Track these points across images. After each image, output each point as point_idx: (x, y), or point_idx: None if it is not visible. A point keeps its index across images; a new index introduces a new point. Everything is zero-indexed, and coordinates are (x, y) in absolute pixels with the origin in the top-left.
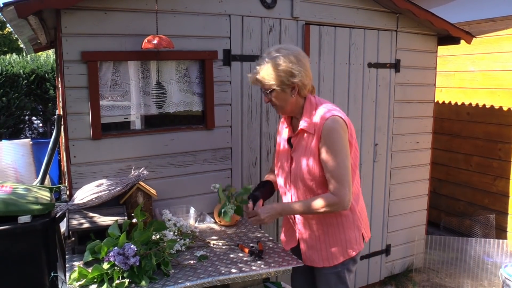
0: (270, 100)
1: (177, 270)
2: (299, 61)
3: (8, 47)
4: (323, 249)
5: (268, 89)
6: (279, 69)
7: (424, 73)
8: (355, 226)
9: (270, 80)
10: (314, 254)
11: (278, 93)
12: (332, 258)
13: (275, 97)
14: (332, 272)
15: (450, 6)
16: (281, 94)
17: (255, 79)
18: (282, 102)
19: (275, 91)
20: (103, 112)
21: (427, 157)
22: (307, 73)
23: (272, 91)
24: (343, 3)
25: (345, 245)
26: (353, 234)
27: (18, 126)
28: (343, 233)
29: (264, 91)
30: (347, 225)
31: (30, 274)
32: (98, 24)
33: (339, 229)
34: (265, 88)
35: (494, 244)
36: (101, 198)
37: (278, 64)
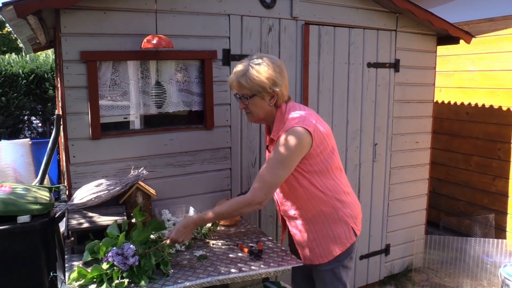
0: (246, 107)
1: (176, 270)
2: (282, 71)
3: (7, 46)
4: (315, 246)
5: (248, 95)
6: (264, 75)
7: (423, 73)
8: (342, 221)
9: (253, 86)
10: (309, 252)
11: (257, 100)
12: (326, 254)
13: (253, 104)
14: (326, 268)
15: (450, 6)
16: (260, 101)
17: (237, 82)
18: (258, 110)
19: (255, 97)
20: (103, 112)
21: (426, 157)
22: (286, 84)
23: (252, 97)
24: (343, 3)
25: (335, 240)
26: (341, 229)
27: (17, 126)
28: (330, 229)
29: (241, 96)
30: (333, 222)
31: (29, 274)
32: (97, 24)
33: (325, 225)
34: (244, 94)
35: (494, 243)
36: (100, 198)
37: (263, 70)
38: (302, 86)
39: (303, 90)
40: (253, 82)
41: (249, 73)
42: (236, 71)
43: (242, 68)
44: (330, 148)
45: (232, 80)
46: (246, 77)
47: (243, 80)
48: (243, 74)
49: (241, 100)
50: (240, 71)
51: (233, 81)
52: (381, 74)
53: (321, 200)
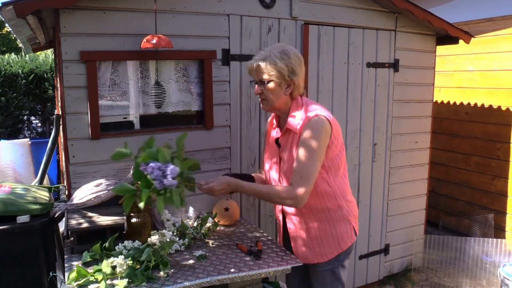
0: (261, 92)
1: (176, 270)
2: (301, 63)
3: (7, 46)
4: (315, 245)
5: (266, 80)
6: (283, 63)
7: (423, 72)
8: (345, 220)
9: (271, 71)
10: (307, 251)
11: (274, 86)
12: (326, 253)
13: (269, 90)
14: (326, 268)
15: (449, 6)
16: (277, 88)
17: (257, 65)
18: (274, 97)
19: (273, 83)
20: (102, 112)
21: (426, 156)
22: (303, 76)
23: (269, 82)
24: (342, 3)
25: (337, 239)
26: (344, 228)
27: (17, 126)
28: (334, 228)
29: (259, 81)
30: (337, 220)
31: (28, 274)
32: (97, 23)
33: (329, 224)
34: (262, 78)
35: (493, 243)
36: (100, 198)
37: (283, 58)
38: None
39: None
40: (273, 67)
41: (269, 58)
42: (256, 56)
43: (263, 53)
44: (341, 144)
45: (252, 64)
46: (266, 61)
47: (263, 64)
48: (264, 59)
49: (257, 85)
50: (261, 55)
51: (252, 64)
52: (380, 74)
53: (329, 197)
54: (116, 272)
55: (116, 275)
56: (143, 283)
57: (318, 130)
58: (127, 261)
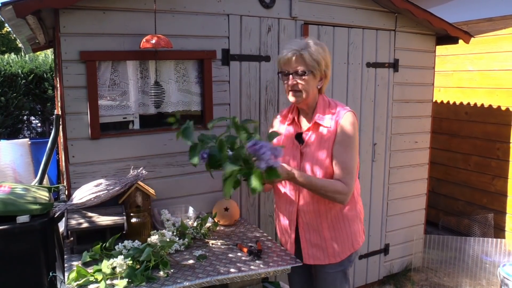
0: (296, 83)
1: (176, 270)
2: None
3: (7, 46)
4: (329, 245)
5: (306, 70)
6: (322, 54)
7: (422, 72)
8: (358, 219)
9: (312, 61)
10: (319, 251)
11: (310, 77)
12: (339, 254)
13: (305, 81)
14: (338, 270)
15: (449, 6)
16: (312, 80)
17: (298, 55)
18: (309, 88)
19: (311, 74)
20: (102, 112)
21: (425, 156)
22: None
23: (306, 74)
24: (342, 3)
25: (351, 238)
26: (357, 227)
27: (17, 126)
28: (349, 227)
29: (294, 72)
30: (352, 218)
31: (28, 274)
32: (96, 23)
33: (345, 223)
34: (298, 69)
35: (493, 243)
36: (99, 198)
37: (322, 50)
38: None
39: None
40: (313, 57)
41: (309, 49)
42: (291, 46)
43: (299, 44)
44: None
45: (288, 54)
46: (307, 50)
47: (305, 52)
48: (304, 48)
49: (292, 76)
50: (297, 46)
51: (288, 55)
52: (380, 74)
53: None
54: (116, 272)
55: (116, 275)
56: (142, 283)
57: (354, 125)
58: (127, 261)
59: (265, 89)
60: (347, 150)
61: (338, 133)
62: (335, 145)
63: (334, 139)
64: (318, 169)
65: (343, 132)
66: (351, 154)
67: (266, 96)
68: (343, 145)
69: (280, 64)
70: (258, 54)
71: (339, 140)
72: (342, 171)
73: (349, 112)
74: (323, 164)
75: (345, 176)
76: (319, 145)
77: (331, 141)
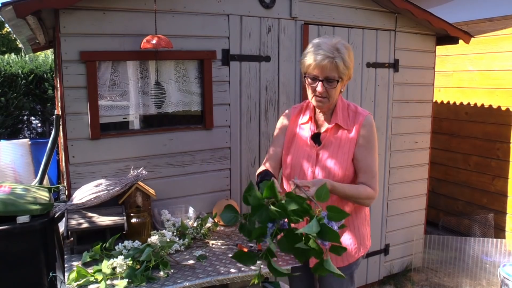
0: (325, 90)
1: (176, 270)
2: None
3: (7, 47)
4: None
5: (335, 78)
6: (351, 58)
7: (422, 73)
8: (366, 222)
9: (345, 69)
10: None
11: (339, 84)
12: (347, 257)
13: (334, 88)
14: (345, 273)
15: (449, 6)
16: (339, 86)
17: (333, 62)
18: (336, 95)
19: (341, 81)
20: (102, 112)
21: (425, 156)
22: None
23: (338, 81)
24: (342, 3)
25: (360, 241)
26: (365, 230)
27: (17, 126)
28: (358, 229)
29: (325, 79)
30: (361, 221)
31: (28, 274)
32: (96, 24)
33: (354, 226)
34: (331, 76)
35: (493, 243)
36: (100, 198)
37: (351, 52)
38: (301, 86)
39: (302, 90)
40: (345, 64)
41: (343, 55)
42: (324, 51)
43: (332, 46)
44: None
45: (323, 60)
46: (340, 57)
47: (339, 60)
48: (337, 54)
49: (322, 83)
50: (331, 49)
51: (324, 61)
52: (380, 74)
53: None
54: (116, 272)
55: (116, 275)
56: (143, 283)
57: (374, 128)
58: (127, 261)
59: (265, 89)
60: (370, 154)
61: (360, 136)
62: (358, 148)
63: (356, 142)
64: (336, 172)
65: (366, 136)
66: (374, 158)
67: (266, 96)
68: (366, 149)
69: (308, 67)
70: (258, 54)
71: (362, 144)
72: (367, 175)
73: (369, 115)
74: (342, 167)
75: (371, 180)
76: (338, 147)
77: (351, 144)
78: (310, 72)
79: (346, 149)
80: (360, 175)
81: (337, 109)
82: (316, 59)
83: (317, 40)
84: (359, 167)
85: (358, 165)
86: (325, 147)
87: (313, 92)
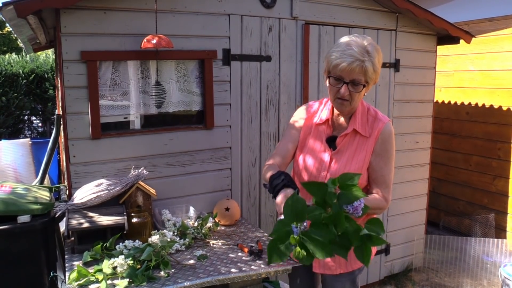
0: (350, 94)
1: (176, 269)
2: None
3: (8, 46)
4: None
5: (362, 82)
6: (380, 63)
7: (423, 72)
8: None
9: (373, 74)
10: (332, 262)
11: (365, 89)
12: (351, 264)
13: (359, 92)
14: (348, 278)
15: (450, 6)
16: (365, 90)
17: (362, 66)
18: (358, 99)
19: (367, 86)
20: (103, 112)
21: (426, 156)
22: None
23: (364, 85)
24: (343, 3)
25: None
26: None
27: (18, 126)
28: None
29: (351, 81)
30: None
31: (29, 274)
32: (97, 23)
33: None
34: (358, 80)
35: (494, 243)
36: (100, 198)
37: (380, 57)
38: (302, 86)
39: (303, 90)
40: (374, 69)
41: (373, 58)
42: (355, 53)
43: (362, 49)
44: None
45: (353, 63)
46: (370, 61)
47: (368, 64)
48: (367, 58)
49: (347, 85)
50: (362, 52)
51: (354, 64)
52: (381, 74)
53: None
54: (117, 272)
55: (117, 275)
56: (143, 283)
57: (393, 137)
58: (127, 261)
59: (266, 89)
60: (387, 164)
61: (378, 145)
62: (374, 158)
63: (372, 151)
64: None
65: (384, 145)
66: (390, 169)
67: (267, 96)
68: (383, 159)
69: (335, 67)
70: (259, 54)
71: (379, 153)
72: (381, 185)
73: (389, 123)
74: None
75: (384, 190)
76: (353, 154)
77: (368, 152)
78: (336, 72)
79: (362, 156)
80: (373, 185)
81: (357, 113)
82: (345, 61)
83: (347, 39)
84: (373, 177)
85: (373, 175)
86: (339, 153)
87: (335, 93)
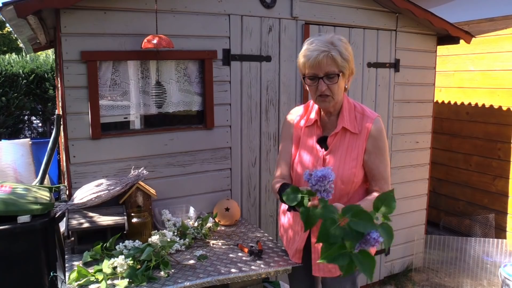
0: (328, 88)
1: (176, 270)
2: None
3: (8, 46)
4: None
5: (335, 72)
6: (348, 50)
7: (423, 72)
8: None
9: (343, 61)
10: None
11: (341, 79)
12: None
13: (337, 84)
14: (348, 279)
15: (450, 6)
16: (342, 81)
17: (329, 56)
18: (339, 91)
19: (342, 75)
20: (103, 112)
21: (426, 156)
22: None
23: (338, 76)
24: (343, 3)
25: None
26: None
27: (18, 126)
28: None
29: (325, 75)
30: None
31: (29, 274)
32: (97, 23)
33: None
34: (330, 71)
35: (494, 243)
36: (100, 198)
37: (348, 45)
38: (302, 86)
39: (303, 90)
40: (343, 56)
41: (338, 47)
42: (318, 46)
43: (326, 41)
44: None
45: (319, 55)
46: (337, 50)
47: (335, 53)
48: (332, 47)
49: (323, 80)
50: (326, 43)
51: (320, 56)
52: (381, 74)
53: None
54: (117, 272)
55: (117, 275)
56: (143, 283)
57: (383, 132)
58: (127, 261)
59: (266, 89)
60: (382, 160)
61: (370, 143)
62: (368, 154)
63: (365, 149)
64: (344, 179)
65: (377, 142)
66: (386, 164)
67: (267, 96)
68: (378, 155)
69: (305, 67)
70: (259, 54)
71: (373, 151)
72: (380, 181)
73: (377, 118)
74: (350, 174)
75: (383, 186)
76: (346, 153)
77: (360, 150)
78: (308, 72)
79: (355, 155)
80: (372, 182)
81: (344, 110)
82: (311, 56)
83: (310, 39)
84: (371, 175)
85: (371, 173)
86: (332, 152)
87: (315, 92)
